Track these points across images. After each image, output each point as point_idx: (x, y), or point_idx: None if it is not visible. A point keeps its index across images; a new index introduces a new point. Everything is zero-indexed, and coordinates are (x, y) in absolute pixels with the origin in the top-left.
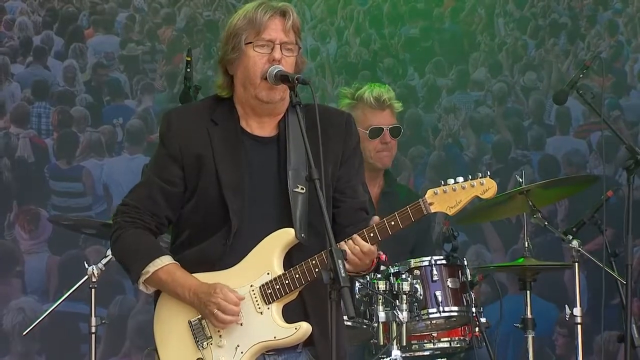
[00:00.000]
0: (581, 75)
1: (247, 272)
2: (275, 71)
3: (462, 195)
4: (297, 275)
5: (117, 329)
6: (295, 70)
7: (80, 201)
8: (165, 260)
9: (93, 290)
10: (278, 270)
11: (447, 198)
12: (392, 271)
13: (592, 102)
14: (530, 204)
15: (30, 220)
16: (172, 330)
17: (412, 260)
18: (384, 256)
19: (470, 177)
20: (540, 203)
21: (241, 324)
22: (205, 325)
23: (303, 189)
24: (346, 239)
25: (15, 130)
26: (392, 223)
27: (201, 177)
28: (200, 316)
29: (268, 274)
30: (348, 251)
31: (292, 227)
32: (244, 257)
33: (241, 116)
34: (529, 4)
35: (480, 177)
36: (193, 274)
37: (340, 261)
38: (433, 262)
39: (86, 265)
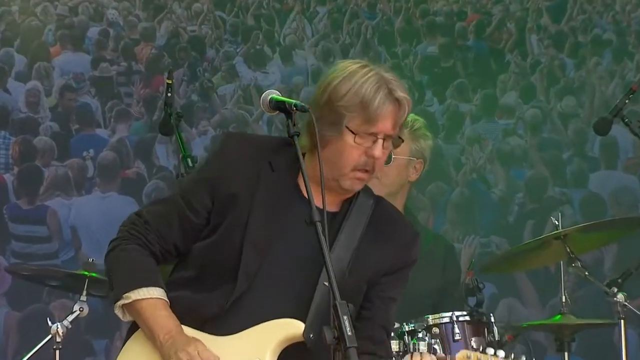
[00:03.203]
0: (627, 101)
1: (235, 350)
2: (269, 98)
3: None
4: None
5: None
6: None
7: (44, 247)
8: (154, 293)
9: (57, 351)
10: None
11: None
12: (407, 329)
13: None
14: (568, 250)
15: None
16: None
17: (430, 317)
18: None
19: (512, 355)
20: (581, 249)
21: None
22: None
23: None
24: None
25: None
26: None
27: (228, 219)
28: None
29: None
30: None
31: (303, 322)
32: (237, 329)
33: (301, 176)
34: (567, 17)
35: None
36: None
37: (345, 317)
38: (455, 319)
39: (50, 322)
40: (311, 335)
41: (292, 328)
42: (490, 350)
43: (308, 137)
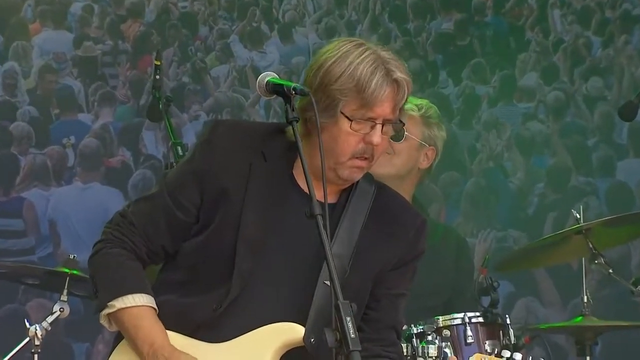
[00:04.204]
0: None
1: (231, 358)
2: (266, 80)
3: None
4: None
5: None
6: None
7: (19, 242)
8: (140, 300)
9: (36, 356)
10: None
11: None
12: (415, 331)
13: None
14: (590, 246)
15: None
16: None
17: (441, 318)
18: None
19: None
20: (606, 244)
21: None
22: None
23: None
24: None
25: None
26: None
27: (219, 215)
28: None
29: None
30: None
31: (303, 325)
32: (232, 335)
33: (297, 166)
34: None
35: None
36: (167, 330)
37: (348, 319)
38: (467, 320)
39: (27, 324)
40: (312, 340)
41: (291, 333)
42: (506, 353)
43: (301, 124)
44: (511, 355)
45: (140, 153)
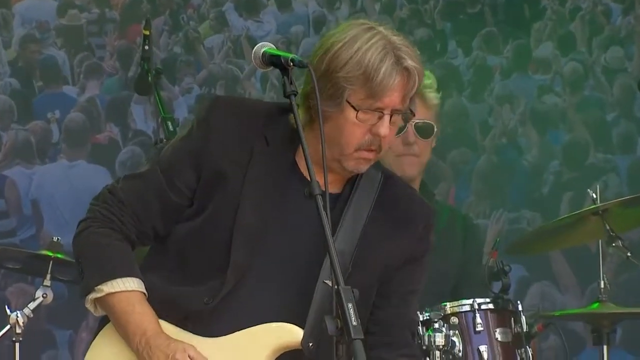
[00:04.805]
0: None
1: (222, 356)
2: (262, 51)
3: None
4: None
5: None
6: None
7: (0, 224)
8: (130, 285)
9: (17, 344)
10: None
11: None
12: (421, 319)
13: None
14: (608, 228)
15: None
16: None
17: (448, 304)
18: None
19: None
20: (625, 226)
21: None
22: None
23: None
24: None
25: None
26: None
27: (215, 201)
28: None
29: None
30: None
31: (301, 328)
32: (224, 331)
33: (300, 151)
34: None
35: None
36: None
37: (350, 305)
38: (476, 307)
39: (8, 311)
40: (310, 345)
41: (287, 335)
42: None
43: (304, 111)
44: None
45: (129, 128)
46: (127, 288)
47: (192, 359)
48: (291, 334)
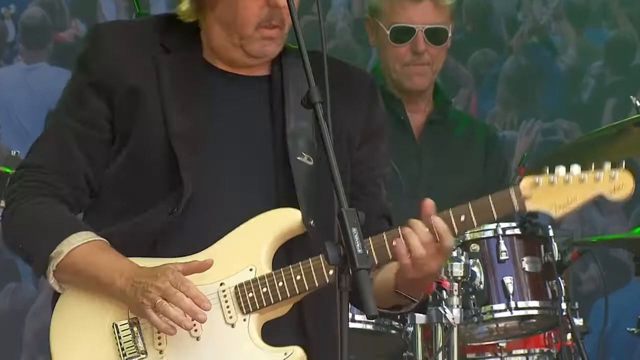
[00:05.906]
0: None
1: (217, 263)
2: None
3: (578, 191)
4: (298, 277)
5: (9, 331)
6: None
7: None
8: (86, 236)
9: None
10: (267, 267)
11: (553, 193)
12: None
13: None
14: None
15: None
16: (82, 338)
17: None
18: (447, 282)
19: (593, 166)
20: None
21: (197, 338)
22: (138, 334)
23: (310, 160)
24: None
25: None
26: (462, 218)
27: (137, 119)
28: (133, 316)
29: (251, 269)
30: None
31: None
32: (203, 245)
33: (208, 48)
34: None
35: (609, 168)
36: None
37: (355, 230)
38: (500, 232)
39: None
40: (312, 222)
41: (287, 218)
42: (561, 169)
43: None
44: (568, 168)
45: None
46: (84, 239)
47: (176, 279)
48: (291, 215)
